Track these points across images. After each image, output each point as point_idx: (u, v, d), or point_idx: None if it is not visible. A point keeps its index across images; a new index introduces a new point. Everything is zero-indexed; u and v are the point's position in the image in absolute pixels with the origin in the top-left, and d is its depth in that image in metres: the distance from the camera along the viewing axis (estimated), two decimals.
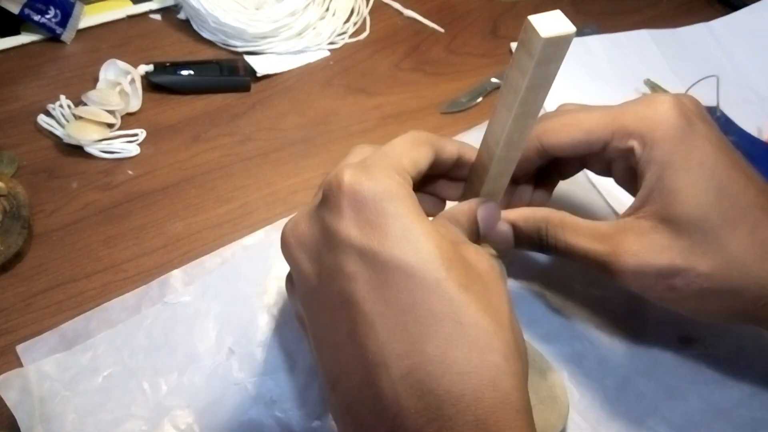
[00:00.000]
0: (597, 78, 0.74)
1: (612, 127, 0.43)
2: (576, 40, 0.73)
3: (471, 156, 0.43)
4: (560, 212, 0.45)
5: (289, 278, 0.39)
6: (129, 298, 0.49)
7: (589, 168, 0.49)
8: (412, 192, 0.33)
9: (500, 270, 0.39)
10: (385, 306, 0.29)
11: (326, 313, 0.32)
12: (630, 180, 0.45)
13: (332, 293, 0.31)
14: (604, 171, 0.48)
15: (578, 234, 0.44)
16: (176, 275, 0.51)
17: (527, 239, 0.45)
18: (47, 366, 0.45)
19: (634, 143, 0.42)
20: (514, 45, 0.73)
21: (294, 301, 0.37)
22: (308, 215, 0.34)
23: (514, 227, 0.45)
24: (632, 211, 0.43)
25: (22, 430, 0.42)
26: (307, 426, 0.45)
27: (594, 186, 0.64)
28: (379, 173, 0.32)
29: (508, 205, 0.48)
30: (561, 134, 0.45)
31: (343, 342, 0.31)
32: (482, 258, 0.34)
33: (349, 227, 0.30)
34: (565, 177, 0.50)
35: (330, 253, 0.31)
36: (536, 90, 0.37)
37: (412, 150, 0.37)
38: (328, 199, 0.32)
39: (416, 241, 0.30)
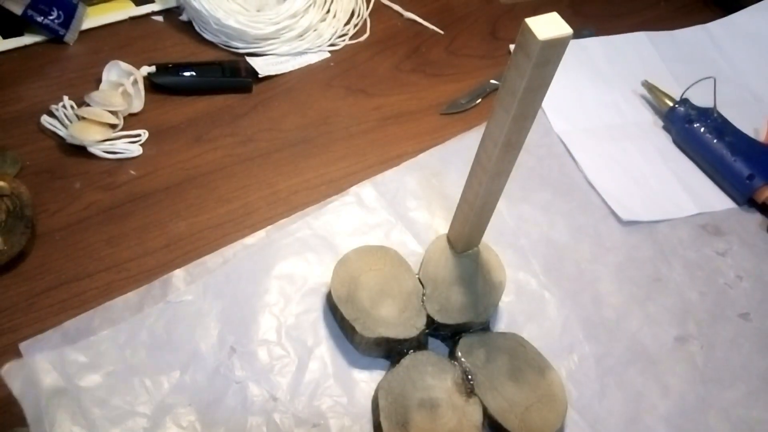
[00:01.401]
0: (595, 79, 0.74)
1: None
2: (574, 42, 0.73)
3: None
4: None
5: None
6: (132, 296, 0.50)
7: None
8: None
9: None
10: None
11: None
12: None
13: None
14: None
15: None
16: (178, 275, 0.51)
17: None
18: (50, 362, 0.45)
19: None
20: (513, 47, 0.74)
21: None
22: None
23: None
24: None
25: (28, 418, 0.42)
26: (308, 424, 0.46)
27: (593, 187, 0.64)
28: None
29: None
30: None
31: None
32: None
33: None
34: None
35: None
36: (534, 91, 0.38)
37: None
38: None
39: None
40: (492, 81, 0.72)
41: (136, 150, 0.59)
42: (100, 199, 0.56)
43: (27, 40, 0.66)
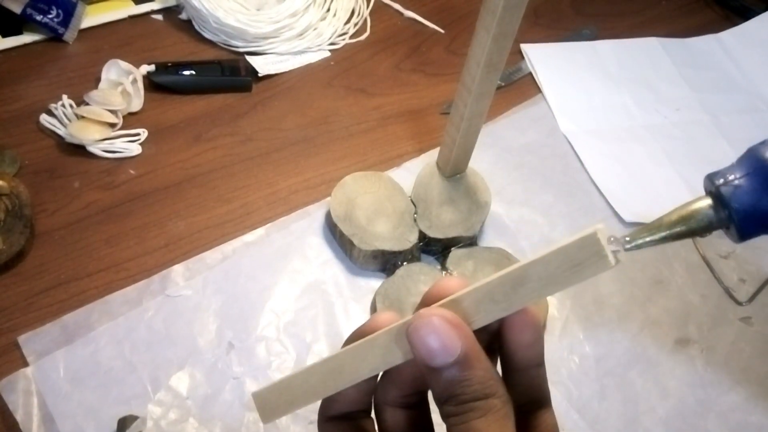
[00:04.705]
0: (605, 81, 0.74)
1: None
2: (585, 44, 0.73)
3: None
4: None
5: None
6: (130, 291, 0.50)
7: None
8: None
9: None
10: None
11: None
12: None
13: None
14: None
15: None
16: (177, 270, 0.51)
17: None
18: (49, 364, 0.45)
19: None
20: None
21: None
22: None
23: None
24: None
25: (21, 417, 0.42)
26: (305, 421, 0.46)
27: (597, 188, 0.64)
28: None
29: None
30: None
31: None
32: None
33: None
34: None
35: None
36: (512, 10, 0.41)
37: None
38: None
39: None
40: None
41: (135, 149, 0.59)
42: (100, 198, 0.56)
43: (26, 38, 0.66)
